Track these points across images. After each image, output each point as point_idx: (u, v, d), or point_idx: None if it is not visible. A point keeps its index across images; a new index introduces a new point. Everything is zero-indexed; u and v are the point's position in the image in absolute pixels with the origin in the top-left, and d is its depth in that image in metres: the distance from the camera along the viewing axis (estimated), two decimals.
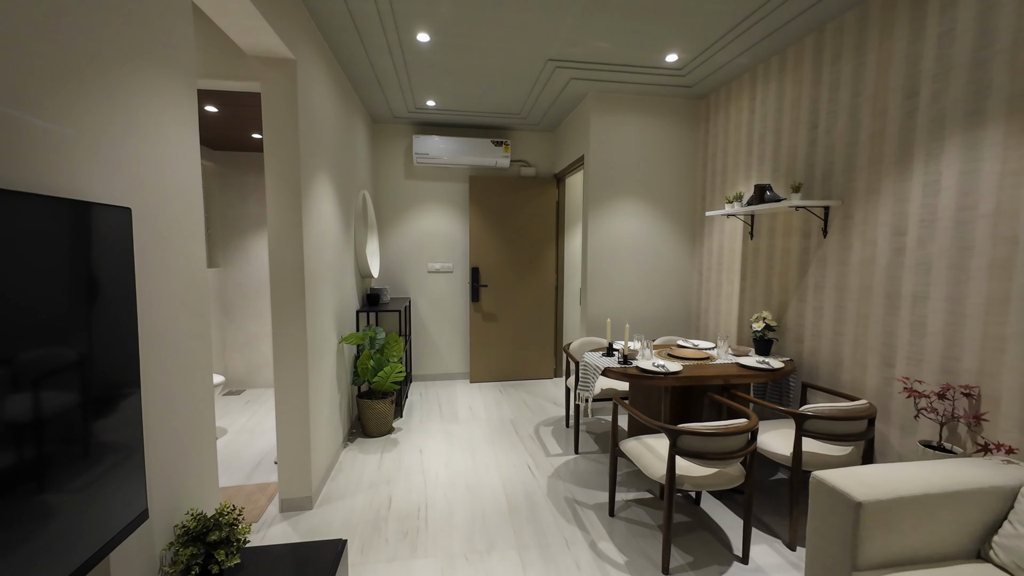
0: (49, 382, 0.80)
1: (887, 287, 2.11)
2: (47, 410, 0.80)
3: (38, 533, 0.78)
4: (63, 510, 0.83)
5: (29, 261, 0.76)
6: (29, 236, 0.76)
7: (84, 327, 0.88)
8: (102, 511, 0.92)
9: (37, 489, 0.78)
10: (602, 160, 3.56)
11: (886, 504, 1.37)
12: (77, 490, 0.86)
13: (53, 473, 0.81)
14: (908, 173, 2.01)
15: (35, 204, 0.77)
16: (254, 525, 2.24)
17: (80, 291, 0.87)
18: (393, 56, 2.91)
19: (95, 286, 0.90)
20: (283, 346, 2.30)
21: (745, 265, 3.13)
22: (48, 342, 0.79)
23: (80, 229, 0.86)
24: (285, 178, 2.23)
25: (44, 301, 0.79)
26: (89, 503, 0.89)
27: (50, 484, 0.80)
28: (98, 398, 0.92)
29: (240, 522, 1.30)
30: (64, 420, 0.84)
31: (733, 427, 1.85)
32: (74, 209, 0.85)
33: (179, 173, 1.30)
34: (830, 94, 2.41)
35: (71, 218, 0.84)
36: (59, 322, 0.82)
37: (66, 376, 0.84)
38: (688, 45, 2.73)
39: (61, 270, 0.82)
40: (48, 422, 0.80)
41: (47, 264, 0.79)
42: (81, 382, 0.87)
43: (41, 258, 0.78)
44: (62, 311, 0.82)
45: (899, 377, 2.03)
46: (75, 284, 0.85)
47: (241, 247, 4.36)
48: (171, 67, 1.25)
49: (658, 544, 2.11)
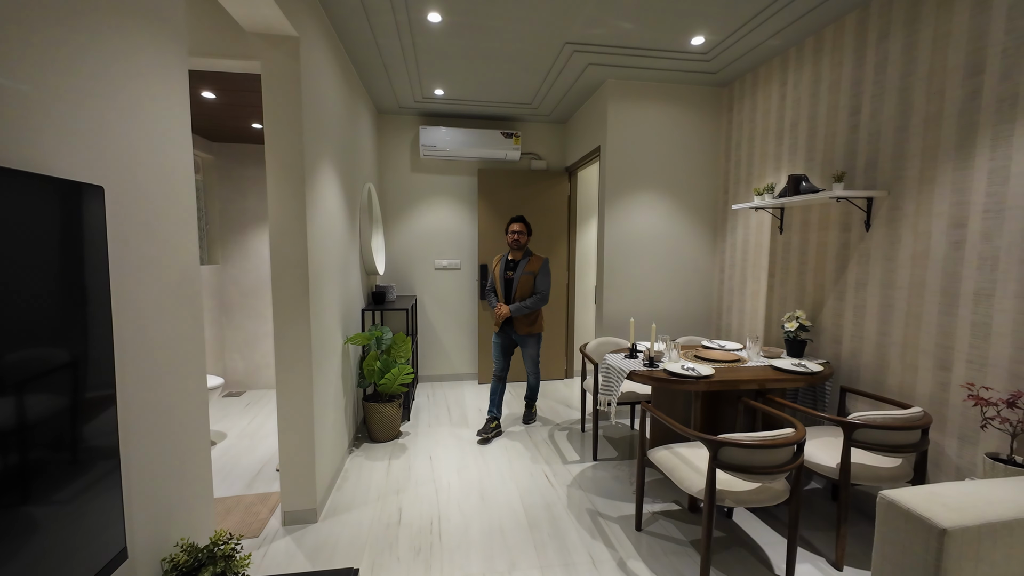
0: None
1: (943, 284, 1.93)
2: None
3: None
4: (4, 559, 0.66)
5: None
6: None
7: (39, 325, 0.71)
8: (62, 555, 0.75)
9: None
10: (619, 151, 3.39)
11: (974, 531, 1.20)
12: (22, 533, 0.69)
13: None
14: (970, 159, 1.83)
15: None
16: (255, 540, 2.08)
17: (35, 282, 0.70)
18: (401, 38, 2.73)
19: (56, 276, 0.73)
20: (286, 347, 2.14)
21: (774, 261, 2.95)
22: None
23: (33, 207, 0.69)
24: (288, 166, 2.06)
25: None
26: (42, 548, 0.72)
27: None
28: (56, 411, 0.75)
29: (237, 552, 1.13)
30: (3, 440, 0.67)
31: (781, 438, 1.68)
32: (24, 183, 0.68)
33: (167, 153, 1.12)
34: (875, 76, 2.23)
35: (21, 193, 0.67)
36: (1, 315, 0.65)
37: (12, 383, 0.67)
38: (717, 25, 2.55)
39: (5, 256, 0.65)
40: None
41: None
42: (34, 391, 0.70)
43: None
44: (7, 303, 0.66)
45: (962, 383, 1.85)
46: (27, 273, 0.69)
47: (240, 243, 4.19)
48: (156, 21, 1.08)
49: (691, 561, 1.95)
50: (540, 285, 3.15)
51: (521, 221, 3.16)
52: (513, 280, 3.14)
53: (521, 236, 3.13)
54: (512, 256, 3.20)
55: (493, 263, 3.30)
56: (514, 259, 3.19)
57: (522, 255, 3.19)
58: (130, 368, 0.98)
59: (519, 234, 3.13)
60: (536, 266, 3.14)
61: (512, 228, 3.16)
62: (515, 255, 3.19)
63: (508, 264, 3.18)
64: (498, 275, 3.22)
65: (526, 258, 3.18)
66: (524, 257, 3.19)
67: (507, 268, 3.17)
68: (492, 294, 3.30)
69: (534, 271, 3.13)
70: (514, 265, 3.17)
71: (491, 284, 3.31)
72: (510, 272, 3.15)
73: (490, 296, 3.30)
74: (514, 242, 3.13)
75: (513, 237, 3.14)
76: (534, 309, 3.16)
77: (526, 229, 3.16)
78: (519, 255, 3.18)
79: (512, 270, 3.16)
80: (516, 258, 3.18)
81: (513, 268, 3.16)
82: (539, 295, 3.15)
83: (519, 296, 3.15)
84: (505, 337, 3.27)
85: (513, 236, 3.14)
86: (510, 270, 3.16)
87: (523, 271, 3.12)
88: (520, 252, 3.19)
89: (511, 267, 3.17)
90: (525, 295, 3.15)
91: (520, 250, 3.18)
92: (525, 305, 3.13)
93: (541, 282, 3.15)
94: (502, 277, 3.18)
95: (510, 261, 3.19)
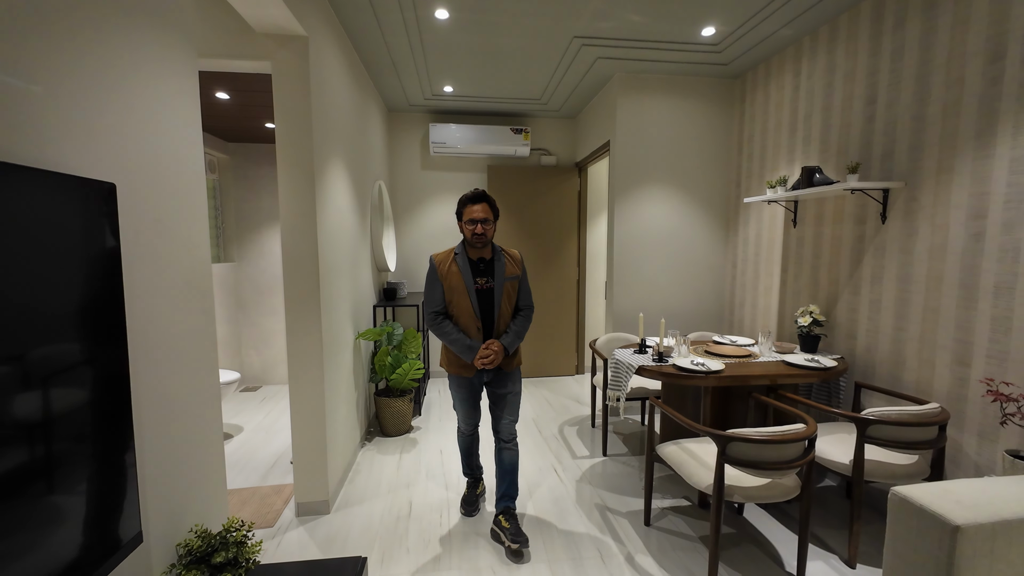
0: (4, 384, 0.66)
1: (962, 277, 1.88)
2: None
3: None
4: (25, 542, 0.69)
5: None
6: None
7: (57, 319, 0.74)
8: (81, 539, 0.78)
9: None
10: (629, 146, 3.36)
11: (989, 528, 1.17)
12: (43, 521, 0.72)
13: (6, 500, 0.67)
14: (990, 148, 1.78)
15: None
16: (269, 530, 2.13)
17: (50, 277, 0.73)
18: (410, 36, 2.74)
19: (70, 272, 0.76)
20: (298, 341, 2.18)
21: (787, 255, 2.90)
22: (5, 336, 0.66)
23: (46, 204, 0.72)
24: (298, 164, 2.09)
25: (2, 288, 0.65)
26: (65, 531, 0.75)
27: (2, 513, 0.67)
28: (70, 401, 0.78)
29: (249, 539, 1.17)
30: (21, 430, 0.70)
31: (791, 433, 1.66)
32: (37, 179, 0.71)
33: (177, 150, 1.16)
34: (892, 64, 2.17)
35: (34, 189, 0.70)
36: (23, 313, 0.68)
37: (30, 376, 0.70)
38: (728, 16, 2.51)
39: (23, 251, 0.68)
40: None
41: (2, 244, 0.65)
42: (49, 383, 0.74)
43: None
44: (27, 300, 0.69)
45: (981, 379, 1.80)
46: (44, 269, 0.71)
47: (256, 242, 4.27)
48: (165, 22, 1.11)
49: (700, 558, 1.93)
50: (526, 295, 2.16)
51: (484, 201, 2.03)
52: (493, 292, 2.05)
53: (488, 227, 2.02)
54: (475, 255, 2.07)
55: (442, 267, 2.05)
56: (481, 258, 2.07)
57: (491, 252, 2.09)
58: (143, 361, 1.02)
59: (485, 223, 2.01)
60: (517, 267, 2.11)
61: (473, 213, 2.00)
62: (481, 253, 2.07)
63: (475, 267, 2.05)
64: (459, 286, 2.03)
65: (498, 256, 2.08)
66: (495, 255, 2.08)
67: (475, 273, 2.05)
68: (447, 321, 2.07)
69: (516, 274, 2.10)
70: (486, 268, 2.06)
71: (440, 302, 2.06)
72: (482, 280, 2.05)
73: (443, 324, 2.06)
74: (477, 237, 2.01)
75: (476, 229, 2.00)
76: (525, 331, 2.15)
77: (492, 214, 2.05)
78: (487, 252, 2.08)
79: (485, 276, 2.06)
80: (485, 257, 2.07)
81: (486, 273, 2.06)
82: (528, 309, 2.15)
83: (504, 316, 2.08)
84: (476, 380, 2.13)
85: (475, 227, 2.00)
86: (481, 276, 2.05)
87: (504, 276, 2.06)
88: (488, 248, 2.08)
89: (481, 271, 2.06)
90: (508, 314, 2.10)
91: (487, 246, 2.07)
92: (519, 331, 2.10)
93: (526, 290, 2.16)
94: (471, 288, 2.03)
95: (476, 262, 2.06)
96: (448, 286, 2.03)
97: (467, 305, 2.03)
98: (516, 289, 2.11)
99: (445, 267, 2.04)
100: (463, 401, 2.18)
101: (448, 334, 2.04)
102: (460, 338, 2.03)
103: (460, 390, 2.16)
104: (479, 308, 2.04)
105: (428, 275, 2.08)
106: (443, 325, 2.05)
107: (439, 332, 2.05)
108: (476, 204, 2.00)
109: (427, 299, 2.09)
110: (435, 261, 2.06)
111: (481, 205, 2.00)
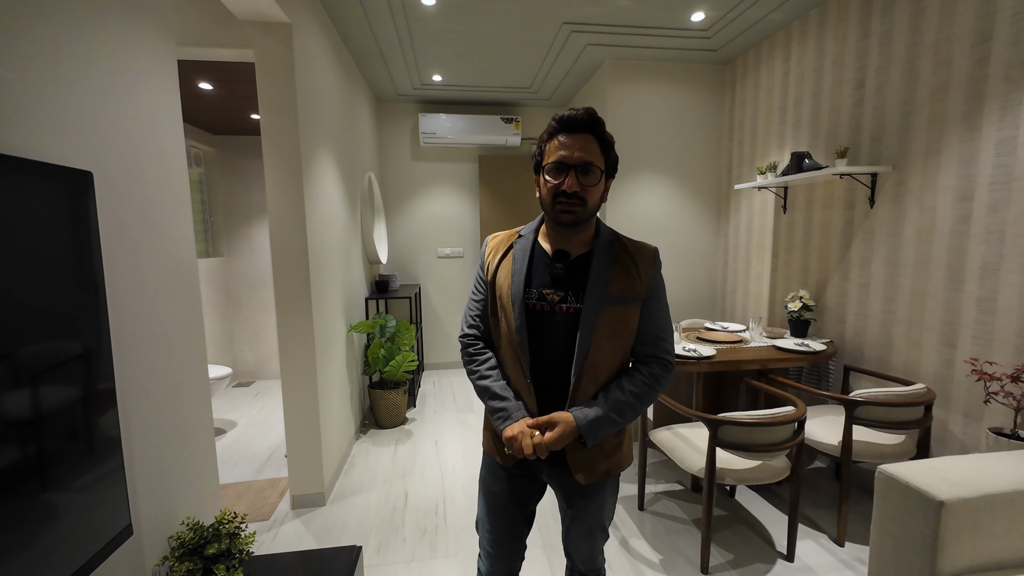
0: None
1: (949, 259, 1.90)
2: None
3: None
4: (12, 538, 0.68)
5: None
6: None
7: (35, 311, 0.72)
8: (69, 533, 0.78)
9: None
10: (620, 134, 3.34)
11: (972, 503, 1.19)
12: (29, 516, 0.71)
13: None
14: (977, 130, 1.78)
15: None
16: (265, 523, 2.13)
17: (26, 268, 0.71)
18: (396, 23, 2.70)
19: (48, 262, 0.75)
20: (289, 335, 2.16)
21: (777, 241, 2.91)
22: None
23: (19, 192, 0.70)
24: (284, 155, 2.06)
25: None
26: (53, 525, 0.75)
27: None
28: (56, 398, 0.77)
29: (242, 531, 1.16)
30: (2, 427, 0.69)
31: (780, 416, 1.68)
32: (10, 167, 0.69)
33: (158, 140, 1.13)
34: (881, 47, 2.17)
35: (6, 178, 0.68)
36: None
37: (8, 371, 0.69)
38: (717, 0, 2.49)
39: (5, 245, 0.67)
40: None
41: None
42: (29, 378, 0.72)
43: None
44: (1, 293, 0.67)
45: (965, 359, 1.83)
46: (17, 260, 0.70)
47: (246, 236, 4.22)
48: (142, 8, 1.08)
49: (694, 540, 1.96)
50: (655, 329, 1.04)
51: (589, 129, 0.96)
52: (579, 318, 0.99)
53: (591, 182, 0.96)
54: (557, 240, 1.04)
55: (492, 257, 1.09)
56: (562, 251, 1.03)
57: (590, 238, 1.05)
58: (128, 353, 1.00)
59: (585, 172, 0.95)
60: (644, 277, 1.03)
61: (564, 149, 0.95)
62: (567, 239, 1.03)
63: (542, 266, 1.04)
64: (509, 295, 1.03)
65: (604, 250, 1.02)
66: (599, 245, 1.03)
67: (542, 277, 1.03)
68: (485, 352, 1.09)
69: (636, 293, 1.02)
70: (568, 272, 1.02)
71: (478, 316, 1.11)
72: (552, 293, 1.01)
73: (474, 357, 1.10)
74: (565, 203, 0.96)
75: (565, 185, 0.95)
76: (648, 404, 1.03)
77: (603, 158, 0.98)
78: (582, 239, 1.04)
79: (560, 285, 1.01)
80: (570, 250, 1.03)
81: (565, 280, 1.01)
82: (661, 360, 1.04)
83: (597, 368, 1.01)
84: (528, 481, 1.14)
85: (562, 181, 0.95)
86: (552, 285, 1.02)
87: (604, 292, 0.99)
88: (586, 230, 1.04)
89: (557, 277, 1.02)
90: (606, 366, 1.02)
91: (583, 223, 1.01)
92: (624, 404, 1.00)
93: (657, 321, 1.05)
94: (516, 304, 1.01)
95: (551, 258, 1.03)
96: (493, 288, 1.06)
97: (510, 335, 1.02)
98: (632, 319, 1.01)
99: (495, 258, 1.06)
100: (488, 508, 1.14)
101: (475, 372, 1.07)
102: (491, 387, 1.04)
103: (487, 483, 1.15)
104: (528, 345, 1.00)
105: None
106: (474, 358, 1.08)
107: (467, 369, 1.10)
108: (572, 134, 0.94)
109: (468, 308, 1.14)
110: (487, 247, 1.10)
111: (581, 137, 0.94)
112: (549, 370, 1.02)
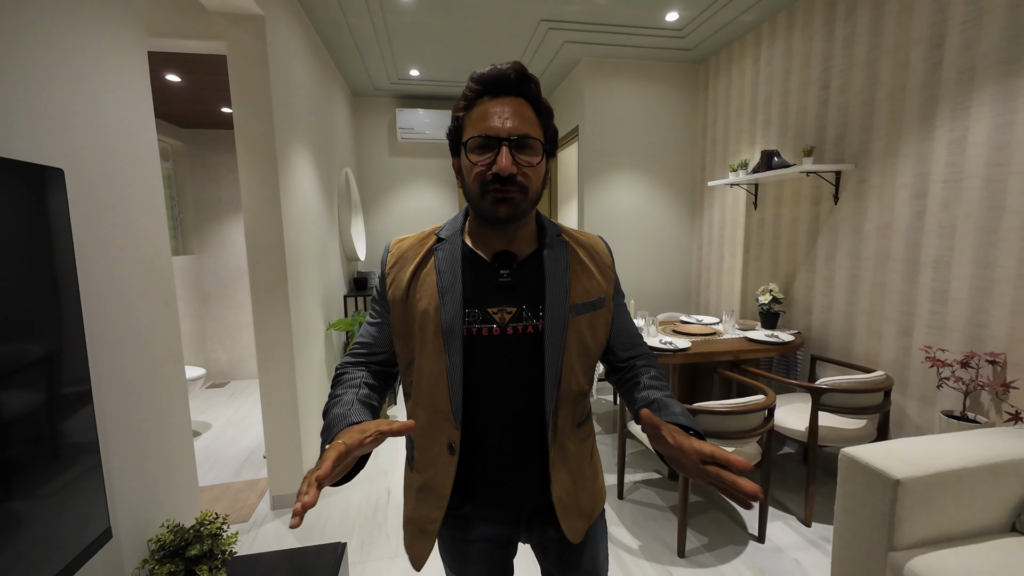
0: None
1: (906, 253, 2.01)
2: None
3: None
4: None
5: None
6: None
7: (3, 311, 0.71)
8: (45, 538, 0.76)
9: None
10: (597, 131, 3.39)
11: (925, 480, 1.28)
12: (3, 522, 0.70)
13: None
14: (931, 131, 1.89)
15: None
16: (245, 524, 2.11)
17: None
18: (372, 16, 2.67)
19: (17, 261, 0.73)
20: (266, 333, 2.13)
21: (749, 237, 3.01)
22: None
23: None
24: (259, 150, 2.02)
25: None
26: (29, 530, 0.73)
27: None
28: (29, 398, 0.75)
29: (224, 531, 1.15)
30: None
31: (752, 404, 1.75)
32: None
33: (129, 136, 1.10)
34: (844, 50, 2.26)
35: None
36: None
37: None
38: (690, 0, 2.54)
39: None
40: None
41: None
42: (5, 379, 0.71)
43: None
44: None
45: (920, 347, 1.95)
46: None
47: (217, 232, 4.11)
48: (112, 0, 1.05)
49: (671, 526, 2.03)
50: (629, 322, 0.86)
51: (519, 92, 0.70)
52: (543, 338, 0.74)
53: (531, 161, 0.69)
54: (495, 241, 0.76)
55: (399, 269, 0.78)
56: (507, 252, 0.75)
57: (534, 236, 0.79)
58: (103, 354, 0.98)
59: (522, 147, 0.68)
60: (607, 271, 0.83)
61: (494, 116, 0.68)
62: (507, 238, 0.76)
63: (486, 275, 0.75)
64: (438, 323, 0.73)
65: (555, 246, 0.78)
66: (543, 233, 0.78)
67: (484, 294, 0.74)
68: (350, 407, 0.71)
69: (603, 291, 0.80)
70: (517, 279, 0.75)
71: (365, 344, 0.81)
72: (498, 316, 0.74)
73: (340, 380, 0.78)
74: (497, 190, 0.68)
75: (498, 166, 0.67)
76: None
77: (541, 130, 0.71)
78: (525, 236, 0.77)
79: (509, 298, 0.74)
80: (515, 251, 0.76)
81: (511, 291, 0.74)
82: (651, 357, 0.86)
83: (569, 393, 0.76)
84: (498, 547, 0.83)
85: (493, 160, 0.68)
86: (497, 303, 0.74)
87: (568, 288, 0.76)
88: (525, 225, 0.76)
89: (507, 272, 0.75)
90: (581, 388, 0.78)
91: (522, 218, 0.73)
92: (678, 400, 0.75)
93: (627, 313, 0.87)
94: (476, 319, 0.73)
95: (498, 260, 0.75)
96: (407, 314, 0.76)
97: (438, 375, 0.74)
98: (600, 327, 0.81)
99: (405, 272, 0.77)
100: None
101: (336, 396, 0.75)
102: (342, 414, 0.70)
103: (455, 569, 0.87)
104: (463, 385, 0.73)
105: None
106: (339, 382, 0.79)
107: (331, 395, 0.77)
108: (499, 97, 0.70)
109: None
110: (389, 255, 0.80)
111: (512, 101, 0.70)
112: (495, 415, 0.74)
